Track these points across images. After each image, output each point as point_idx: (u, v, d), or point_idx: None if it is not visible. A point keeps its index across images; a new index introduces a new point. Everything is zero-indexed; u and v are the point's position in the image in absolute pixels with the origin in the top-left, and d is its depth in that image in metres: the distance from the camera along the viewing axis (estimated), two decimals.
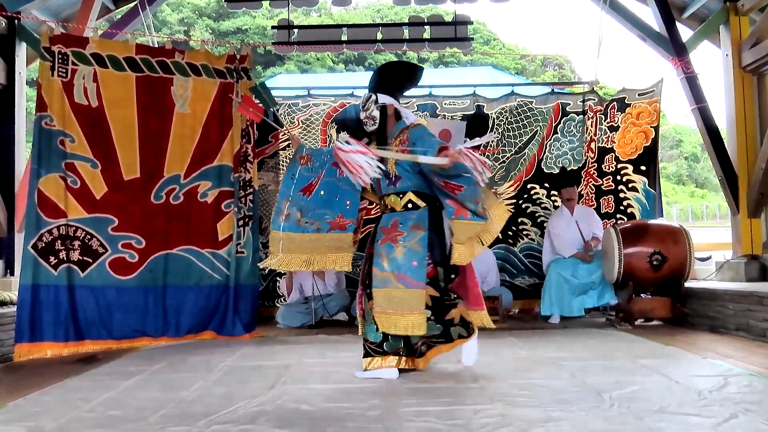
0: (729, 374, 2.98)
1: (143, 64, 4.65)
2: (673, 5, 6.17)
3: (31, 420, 2.45)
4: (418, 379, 3.07)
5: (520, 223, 6.23)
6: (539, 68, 32.43)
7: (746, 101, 5.65)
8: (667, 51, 5.94)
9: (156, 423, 2.37)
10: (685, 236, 4.98)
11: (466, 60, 23.56)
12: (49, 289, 4.26)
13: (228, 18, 27.77)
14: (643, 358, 3.47)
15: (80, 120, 4.45)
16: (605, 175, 6.13)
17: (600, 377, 2.98)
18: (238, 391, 2.86)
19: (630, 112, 6.08)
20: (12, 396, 2.90)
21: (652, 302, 5.07)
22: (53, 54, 4.42)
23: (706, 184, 31.18)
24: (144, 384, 3.13)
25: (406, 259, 3.00)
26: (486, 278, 5.61)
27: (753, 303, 4.23)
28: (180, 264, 4.65)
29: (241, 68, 4.91)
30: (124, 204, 4.53)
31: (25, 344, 4.12)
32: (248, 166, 4.88)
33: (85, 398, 2.79)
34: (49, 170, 4.34)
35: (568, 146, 6.21)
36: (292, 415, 2.44)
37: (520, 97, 6.30)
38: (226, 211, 4.79)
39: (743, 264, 5.44)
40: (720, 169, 5.79)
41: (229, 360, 3.75)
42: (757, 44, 5.41)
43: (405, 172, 3.15)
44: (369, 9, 32.06)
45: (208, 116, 4.79)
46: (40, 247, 4.27)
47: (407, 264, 2.99)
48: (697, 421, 2.22)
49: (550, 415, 2.34)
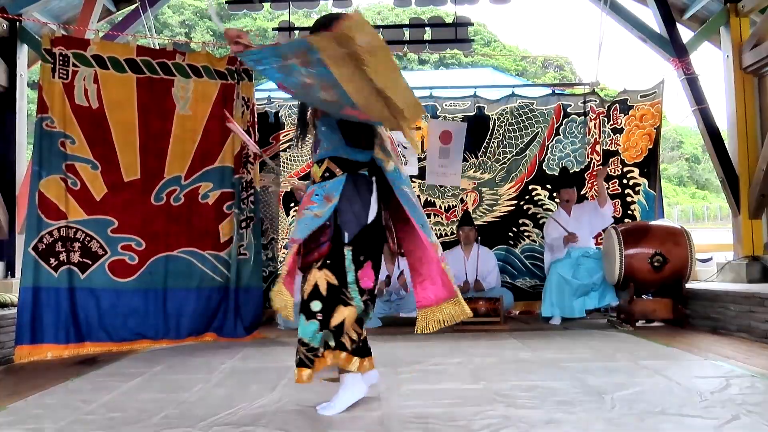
0: (731, 375, 2.98)
1: (144, 66, 4.65)
2: (673, 6, 6.17)
3: (32, 422, 2.45)
4: (418, 380, 3.07)
5: (522, 225, 6.23)
6: (540, 69, 32.45)
7: (747, 102, 5.65)
8: (668, 52, 5.94)
9: (157, 425, 2.37)
10: (686, 237, 4.98)
11: (466, 61, 23.59)
12: (49, 291, 4.26)
13: (229, 20, 27.77)
14: (645, 359, 3.47)
15: (81, 121, 4.45)
16: (611, 178, 6.13)
17: (601, 378, 2.98)
18: (239, 393, 2.85)
19: (633, 114, 6.08)
20: (13, 398, 2.90)
21: (654, 303, 5.06)
22: (54, 56, 4.43)
23: (707, 185, 31.19)
24: (145, 386, 3.13)
25: (298, 229, 2.49)
26: (486, 279, 5.62)
27: (754, 304, 4.22)
28: (181, 266, 4.65)
29: (242, 69, 4.91)
30: (124, 205, 4.52)
31: (25, 346, 4.12)
32: (249, 167, 4.88)
33: (86, 400, 2.79)
34: (50, 172, 4.34)
35: (570, 148, 6.22)
36: (293, 417, 2.44)
37: (521, 99, 6.31)
38: (227, 212, 4.79)
39: (744, 265, 5.44)
40: (721, 171, 5.79)
41: (230, 362, 3.75)
42: (758, 45, 5.41)
43: (323, 134, 2.58)
44: (369, 10, 32.08)
45: (209, 117, 4.79)
46: (40, 248, 4.27)
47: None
48: (699, 423, 2.22)
49: (552, 417, 2.33)
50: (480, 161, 6.27)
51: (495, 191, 6.28)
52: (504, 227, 6.23)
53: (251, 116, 4.95)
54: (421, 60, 28.26)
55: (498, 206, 6.27)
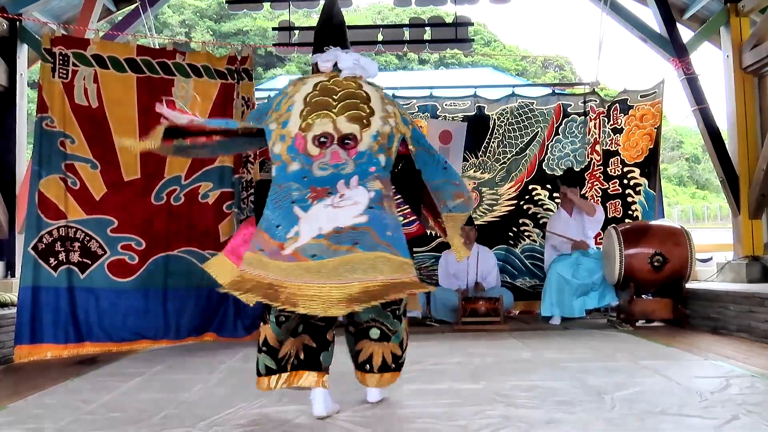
0: (731, 375, 2.98)
1: (144, 65, 4.65)
2: (673, 6, 6.17)
3: (32, 422, 2.45)
4: (418, 379, 3.07)
5: (522, 225, 6.23)
6: (540, 69, 32.43)
7: (747, 102, 5.65)
8: (668, 52, 5.94)
9: (157, 425, 2.37)
10: (686, 237, 4.98)
11: (466, 61, 23.59)
12: (49, 290, 4.25)
13: (229, 19, 27.81)
14: (645, 359, 3.47)
15: (81, 121, 4.45)
16: (611, 178, 6.12)
17: (601, 378, 2.98)
18: (239, 393, 2.85)
19: (633, 114, 6.08)
20: (13, 398, 2.90)
21: (654, 303, 5.06)
22: (54, 55, 4.42)
23: (707, 185, 31.17)
24: (145, 386, 3.13)
25: None
26: (486, 278, 5.61)
27: (754, 304, 4.22)
28: (181, 265, 4.64)
29: (242, 69, 4.92)
30: (124, 205, 4.52)
31: (24, 346, 4.11)
32: (250, 166, 4.88)
33: (86, 400, 2.79)
34: (50, 171, 4.33)
35: (570, 147, 6.22)
36: (293, 416, 2.44)
37: (521, 98, 6.31)
38: (227, 212, 4.79)
39: (744, 265, 5.44)
40: (721, 171, 5.79)
41: (230, 361, 3.75)
42: (758, 45, 5.41)
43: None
44: (369, 10, 32.08)
45: (209, 117, 4.79)
46: (40, 248, 4.27)
47: None
48: (699, 423, 2.22)
49: (551, 416, 2.33)
50: (480, 161, 6.27)
51: (495, 191, 6.28)
52: (504, 227, 6.23)
53: None
54: (421, 60, 28.29)
55: (498, 206, 6.26)
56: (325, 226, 2.25)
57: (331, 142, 2.41)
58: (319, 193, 2.33)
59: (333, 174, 2.37)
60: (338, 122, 2.43)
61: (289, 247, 2.23)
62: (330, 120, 2.43)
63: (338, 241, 2.21)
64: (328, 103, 2.48)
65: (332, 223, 2.25)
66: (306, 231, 2.25)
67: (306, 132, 2.42)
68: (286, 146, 2.43)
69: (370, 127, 2.45)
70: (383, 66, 27.31)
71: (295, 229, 2.26)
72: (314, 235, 2.23)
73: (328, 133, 2.42)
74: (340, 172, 2.37)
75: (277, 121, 2.48)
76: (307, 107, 2.47)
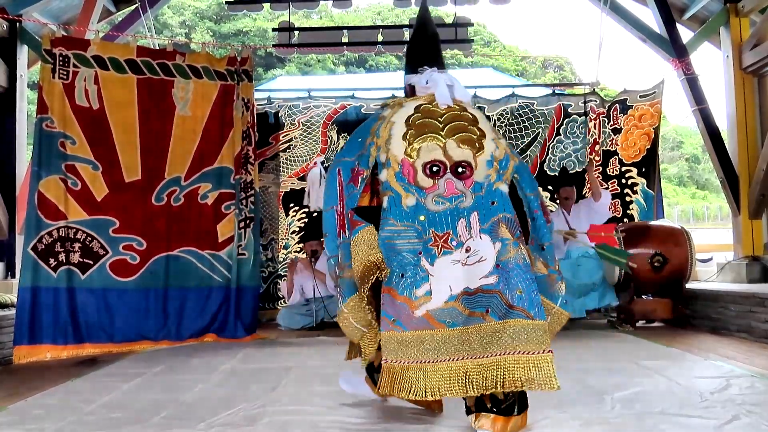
0: (731, 376, 2.98)
1: (144, 66, 4.66)
2: (673, 6, 6.17)
3: (32, 423, 2.45)
4: None
5: None
6: (540, 70, 32.41)
7: (747, 102, 5.65)
8: (668, 52, 5.94)
9: (157, 425, 2.37)
10: (686, 237, 4.98)
11: (466, 62, 23.56)
12: (48, 291, 4.26)
13: (229, 20, 27.78)
14: (645, 359, 3.47)
15: (81, 122, 4.46)
16: (610, 178, 6.12)
17: (601, 379, 2.98)
18: (239, 394, 2.85)
19: (632, 114, 6.08)
20: (13, 398, 2.90)
21: (654, 303, 5.06)
22: (54, 56, 4.43)
23: (707, 185, 31.15)
24: (145, 386, 3.13)
25: None
26: None
27: (754, 304, 4.22)
28: (181, 266, 4.65)
29: (242, 70, 4.92)
30: (125, 206, 4.53)
31: (24, 347, 4.12)
32: (249, 167, 4.88)
33: (86, 400, 2.79)
34: (50, 172, 4.34)
35: (571, 148, 6.21)
36: (293, 417, 2.44)
37: (522, 99, 6.30)
38: (226, 212, 4.79)
39: (744, 265, 5.43)
40: (721, 171, 5.78)
41: (230, 362, 3.75)
42: (758, 45, 5.41)
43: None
44: (369, 11, 32.07)
45: (209, 118, 4.80)
46: (39, 249, 4.27)
47: None
48: (699, 423, 2.22)
49: (552, 416, 2.33)
50: None
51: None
52: None
53: (251, 117, 4.96)
54: None
55: None
56: (455, 285, 2.13)
57: (444, 171, 2.21)
58: (442, 239, 2.16)
59: (450, 210, 2.18)
60: (448, 147, 2.22)
61: (421, 307, 2.13)
62: (438, 144, 2.22)
63: (470, 305, 2.12)
64: (434, 125, 2.27)
65: (462, 283, 2.13)
66: (437, 290, 2.13)
67: (414, 159, 2.21)
68: (394, 173, 2.23)
69: (484, 151, 2.24)
70: (383, 66, 27.32)
71: (425, 287, 2.13)
72: (446, 297, 2.13)
73: (440, 161, 2.21)
74: (458, 206, 2.18)
75: (383, 148, 2.28)
76: (410, 129, 2.26)
